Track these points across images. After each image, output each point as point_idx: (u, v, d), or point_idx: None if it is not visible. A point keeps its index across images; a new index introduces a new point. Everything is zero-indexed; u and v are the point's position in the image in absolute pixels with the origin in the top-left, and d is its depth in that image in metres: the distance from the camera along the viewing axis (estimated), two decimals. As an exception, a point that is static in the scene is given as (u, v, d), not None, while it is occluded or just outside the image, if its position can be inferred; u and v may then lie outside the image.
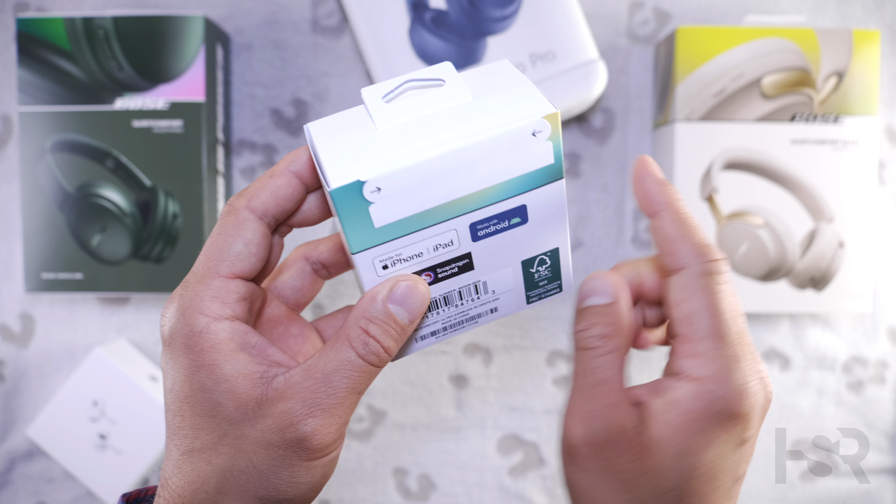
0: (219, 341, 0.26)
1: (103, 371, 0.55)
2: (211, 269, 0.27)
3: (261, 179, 0.28)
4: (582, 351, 0.28)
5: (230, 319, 0.27)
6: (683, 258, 0.28)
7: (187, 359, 0.26)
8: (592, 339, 0.28)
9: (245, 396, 0.26)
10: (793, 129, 0.53)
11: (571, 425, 0.28)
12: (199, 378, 0.26)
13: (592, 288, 0.29)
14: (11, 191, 0.59)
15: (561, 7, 0.52)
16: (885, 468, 0.60)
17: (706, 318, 0.27)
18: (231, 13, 0.59)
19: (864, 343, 0.59)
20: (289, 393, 0.26)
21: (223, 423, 0.26)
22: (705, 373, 0.27)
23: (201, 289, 0.27)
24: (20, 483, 0.60)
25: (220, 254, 0.27)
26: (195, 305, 0.26)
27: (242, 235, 0.27)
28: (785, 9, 0.59)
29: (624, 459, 0.27)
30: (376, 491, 0.60)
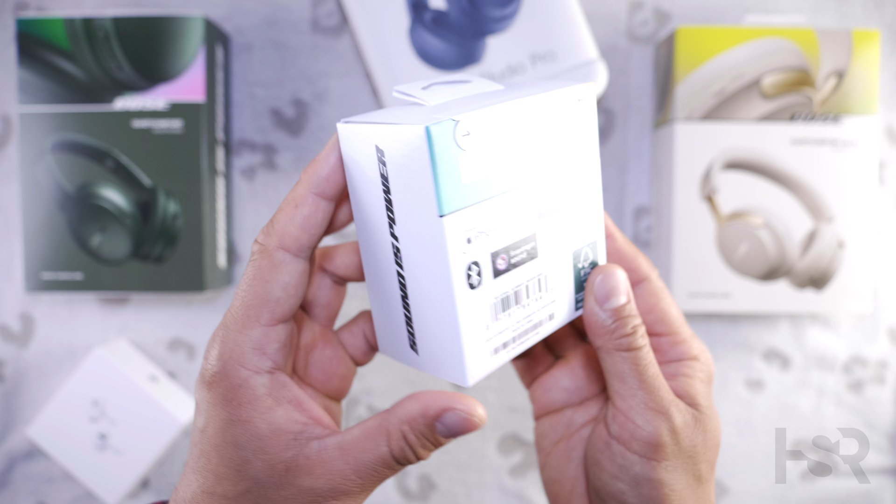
0: (257, 397, 0.26)
1: (103, 371, 0.55)
2: (251, 317, 0.27)
3: (286, 211, 0.27)
4: (630, 352, 0.29)
5: (270, 372, 0.27)
6: (645, 271, 0.32)
7: (224, 410, 0.26)
8: (641, 339, 0.29)
9: (275, 458, 0.26)
10: (793, 128, 0.53)
11: (645, 424, 0.28)
12: (233, 432, 0.26)
13: (613, 287, 0.29)
14: (11, 191, 0.59)
15: (561, 7, 0.52)
16: (885, 468, 0.60)
17: (678, 312, 0.32)
18: (231, 13, 0.59)
19: (864, 343, 0.59)
20: (319, 470, 0.26)
21: (248, 480, 0.26)
22: (696, 351, 0.31)
23: (242, 339, 0.27)
24: (20, 483, 0.60)
25: (259, 301, 0.27)
26: (236, 356, 0.27)
27: (280, 280, 0.27)
28: (785, 9, 0.59)
29: (699, 440, 0.29)
30: (376, 491, 0.60)
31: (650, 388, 0.29)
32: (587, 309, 0.29)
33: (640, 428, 0.28)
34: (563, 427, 0.34)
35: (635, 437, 0.28)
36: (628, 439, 0.29)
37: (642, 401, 0.28)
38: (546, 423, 0.34)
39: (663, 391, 0.29)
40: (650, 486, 0.28)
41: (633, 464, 0.28)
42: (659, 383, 0.29)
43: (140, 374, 0.56)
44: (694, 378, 0.30)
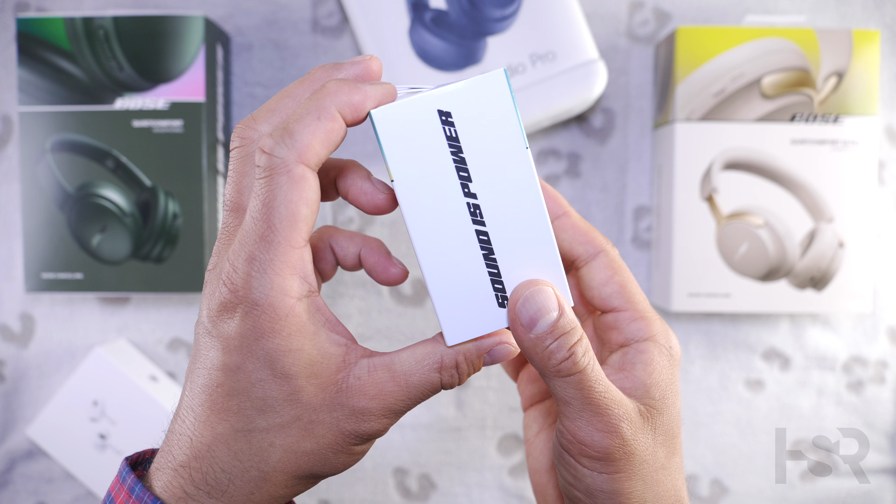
0: (303, 324, 0.26)
1: (103, 371, 0.55)
2: (282, 240, 0.25)
3: (305, 121, 0.25)
4: (573, 376, 0.27)
5: (310, 296, 0.26)
6: (600, 244, 0.30)
7: (270, 342, 0.25)
8: (583, 359, 0.27)
9: (328, 381, 0.26)
10: (793, 129, 0.53)
11: (594, 444, 0.27)
12: (284, 363, 0.25)
13: (540, 306, 0.27)
14: (11, 191, 0.59)
15: (561, 7, 0.52)
16: (885, 468, 0.60)
17: (633, 287, 0.30)
18: (231, 13, 0.59)
19: (864, 343, 0.59)
20: (371, 391, 0.26)
21: (298, 407, 0.26)
22: (653, 331, 0.30)
23: (280, 265, 0.25)
24: (20, 483, 0.60)
25: (289, 221, 0.25)
26: (279, 285, 0.25)
27: (305, 196, 0.25)
28: (785, 9, 0.59)
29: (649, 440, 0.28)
30: (376, 491, 0.60)
31: (597, 409, 0.27)
32: (516, 337, 0.27)
33: (588, 447, 0.27)
34: (544, 418, 0.34)
35: (585, 455, 0.28)
36: (577, 456, 0.28)
37: (589, 422, 0.27)
38: (531, 414, 0.34)
39: (612, 408, 0.27)
40: (604, 496, 0.28)
41: (584, 476, 0.28)
42: (607, 401, 0.27)
43: (140, 374, 0.56)
44: (652, 365, 0.29)
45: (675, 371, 0.30)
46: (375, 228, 0.59)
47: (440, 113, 0.27)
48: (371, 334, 0.59)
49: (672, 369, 0.29)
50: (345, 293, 0.59)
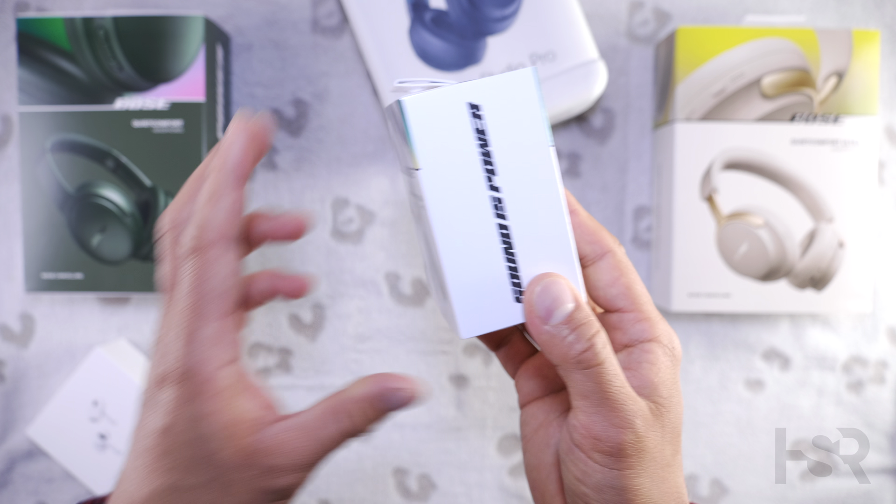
0: (221, 389, 0.28)
1: (103, 371, 0.55)
2: (204, 314, 0.27)
3: (207, 207, 0.27)
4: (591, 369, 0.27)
5: (232, 363, 0.28)
6: (607, 244, 0.31)
7: (192, 407, 0.27)
8: (602, 351, 0.28)
9: (241, 443, 0.28)
10: (793, 129, 0.53)
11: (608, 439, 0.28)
12: (202, 425, 0.27)
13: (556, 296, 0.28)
14: (11, 191, 0.59)
15: (561, 7, 0.52)
16: (885, 468, 0.60)
17: (639, 287, 0.30)
18: (231, 13, 0.59)
19: (864, 343, 0.59)
20: (284, 448, 0.28)
21: (215, 468, 0.28)
22: (658, 332, 0.30)
23: (202, 337, 0.27)
24: (20, 483, 0.60)
25: (207, 299, 0.27)
26: (200, 356, 0.27)
27: (221, 274, 0.27)
28: (785, 9, 0.59)
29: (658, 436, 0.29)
30: (376, 491, 0.60)
31: (614, 403, 0.27)
32: (532, 328, 0.28)
33: (601, 442, 0.28)
34: (543, 414, 0.34)
35: (597, 450, 0.28)
36: (589, 451, 0.28)
37: (605, 417, 0.27)
38: (529, 410, 0.35)
39: (628, 404, 0.28)
40: (613, 492, 0.28)
41: (595, 472, 0.28)
42: (623, 396, 0.28)
43: (140, 374, 0.56)
44: (658, 365, 0.29)
45: (677, 371, 0.30)
46: (376, 229, 0.59)
47: (470, 105, 0.27)
48: (371, 334, 0.59)
49: (675, 369, 0.30)
50: (345, 293, 0.59)
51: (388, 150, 0.59)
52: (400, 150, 0.29)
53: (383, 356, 0.60)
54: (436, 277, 0.31)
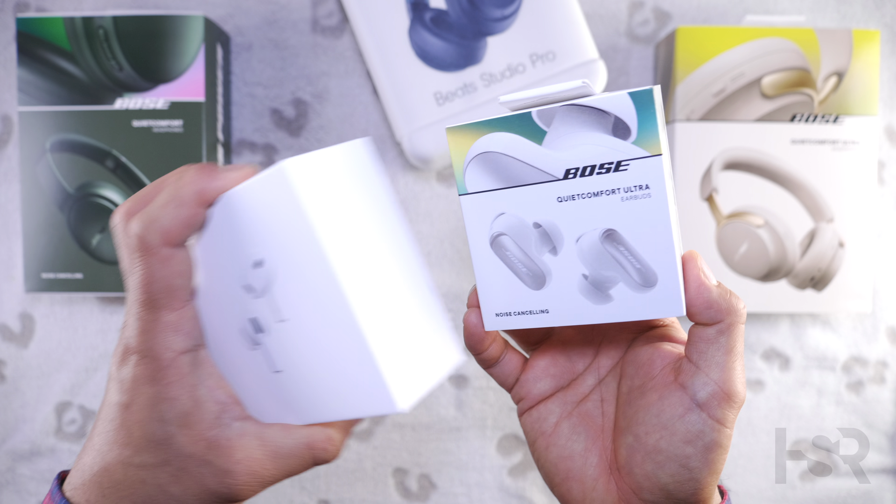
0: (183, 375, 0.28)
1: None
2: (161, 304, 0.28)
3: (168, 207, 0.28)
4: (743, 324, 0.30)
5: (193, 350, 0.29)
6: None
7: (151, 388, 0.28)
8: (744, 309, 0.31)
9: (198, 435, 0.28)
10: (793, 129, 0.53)
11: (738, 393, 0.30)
12: (159, 408, 0.28)
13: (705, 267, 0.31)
14: (11, 191, 0.59)
15: (561, 7, 0.52)
16: (885, 468, 0.60)
17: None
18: (231, 13, 0.59)
19: (864, 343, 0.59)
20: (239, 454, 0.29)
21: (168, 452, 0.28)
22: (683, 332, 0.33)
23: (160, 325, 0.28)
24: (20, 483, 0.60)
25: (162, 293, 0.28)
26: (160, 339, 0.28)
27: (173, 270, 0.28)
28: (785, 9, 0.59)
29: None
30: (376, 491, 0.60)
31: (742, 359, 0.30)
32: (704, 287, 0.29)
33: (734, 396, 0.29)
34: (559, 408, 0.35)
35: (723, 407, 0.30)
36: (715, 408, 0.30)
37: (739, 372, 0.30)
38: (538, 410, 0.35)
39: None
40: (718, 450, 0.30)
41: (712, 429, 0.30)
42: None
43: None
44: None
45: None
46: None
47: None
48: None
49: None
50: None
51: (389, 149, 0.59)
52: None
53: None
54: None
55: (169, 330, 0.28)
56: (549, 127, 0.29)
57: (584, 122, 0.28)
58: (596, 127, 0.28)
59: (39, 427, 0.59)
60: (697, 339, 0.30)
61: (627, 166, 0.28)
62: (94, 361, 0.59)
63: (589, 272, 0.29)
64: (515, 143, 0.29)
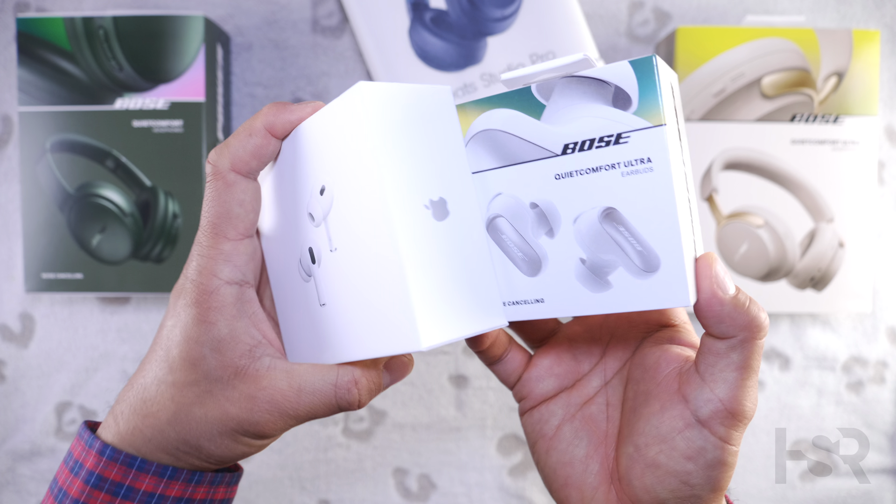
0: (224, 304, 0.30)
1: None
2: (218, 233, 0.30)
3: (240, 137, 0.30)
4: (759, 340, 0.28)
5: (240, 284, 0.30)
6: None
7: (194, 311, 0.30)
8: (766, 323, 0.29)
9: (229, 362, 0.29)
10: (793, 129, 0.53)
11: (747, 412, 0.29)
12: (197, 330, 0.29)
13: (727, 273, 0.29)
14: (11, 191, 0.59)
15: (561, 7, 0.52)
16: (885, 468, 0.60)
17: None
18: (231, 13, 0.59)
19: (864, 343, 0.59)
20: (264, 383, 0.29)
21: (199, 373, 0.29)
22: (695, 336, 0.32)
23: (214, 252, 0.30)
24: (20, 483, 0.60)
25: (221, 218, 0.30)
26: (209, 267, 0.30)
27: (236, 198, 0.30)
28: (785, 9, 0.59)
29: None
30: (376, 491, 0.60)
31: (756, 376, 0.29)
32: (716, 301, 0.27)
33: (740, 415, 0.28)
34: (563, 409, 0.34)
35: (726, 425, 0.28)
36: (718, 425, 0.28)
37: (750, 390, 0.28)
38: (540, 411, 0.34)
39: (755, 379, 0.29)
40: (722, 468, 0.29)
41: (713, 447, 0.28)
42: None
43: None
44: None
45: None
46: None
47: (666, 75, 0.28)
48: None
49: None
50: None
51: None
52: None
53: (383, 356, 0.60)
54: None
55: (220, 258, 0.30)
56: (548, 101, 0.27)
57: (584, 93, 0.26)
58: (596, 98, 0.26)
59: (39, 427, 0.59)
60: (707, 350, 0.28)
61: (628, 138, 0.26)
62: (94, 361, 0.59)
63: (587, 256, 0.27)
64: (514, 118, 0.28)
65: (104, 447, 0.30)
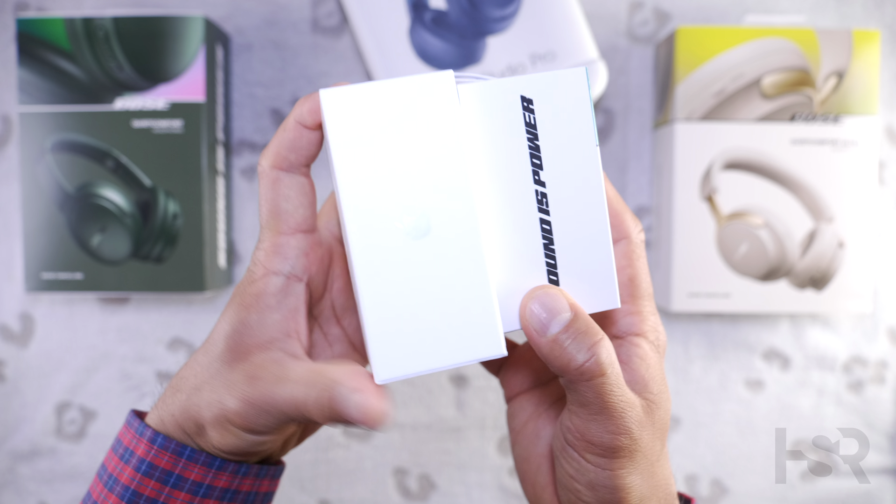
0: (264, 293, 0.30)
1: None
2: (270, 228, 0.30)
3: (277, 135, 0.30)
4: (594, 380, 0.27)
5: (287, 276, 0.30)
6: (624, 230, 0.30)
7: (238, 296, 0.30)
8: (606, 359, 0.27)
9: (244, 349, 0.29)
10: (793, 129, 0.53)
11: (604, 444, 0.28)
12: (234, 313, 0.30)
13: (552, 307, 0.27)
14: (11, 191, 0.59)
15: (561, 7, 0.52)
16: (885, 468, 0.60)
17: (641, 281, 0.30)
18: (231, 13, 0.59)
19: (864, 343, 0.59)
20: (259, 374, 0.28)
21: (212, 355, 0.30)
22: (647, 327, 0.30)
23: (266, 245, 0.30)
24: (20, 483, 0.60)
25: (271, 214, 0.30)
26: (258, 258, 0.30)
27: (281, 193, 0.30)
28: (785, 9, 0.59)
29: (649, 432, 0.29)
30: (376, 491, 0.60)
31: (612, 413, 0.27)
32: (533, 342, 0.27)
33: (595, 446, 0.28)
34: (532, 407, 0.34)
35: (591, 452, 0.28)
36: (583, 451, 0.28)
37: (601, 425, 0.27)
38: (516, 404, 0.35)
39: (627, 412, 0.27)
40: (606, 490, 0.28)
41: (588, 471, 0.28)
42: (623, 405, 0.27)
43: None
44: (648, 361, 0.29)
45: (663, 366, 0.30)
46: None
47: (522, 99, 0.27)
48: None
49: (661, 364, 0.30)
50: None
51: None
52: None
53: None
54: None
55: (270, 249, 0.30)
56: None
57: None
58: None
59: (39, 427, 0.59)
60: None
61: None
62: (94, 361, 0.59)
63: None
64: None
65: (155, 435, 0.30)
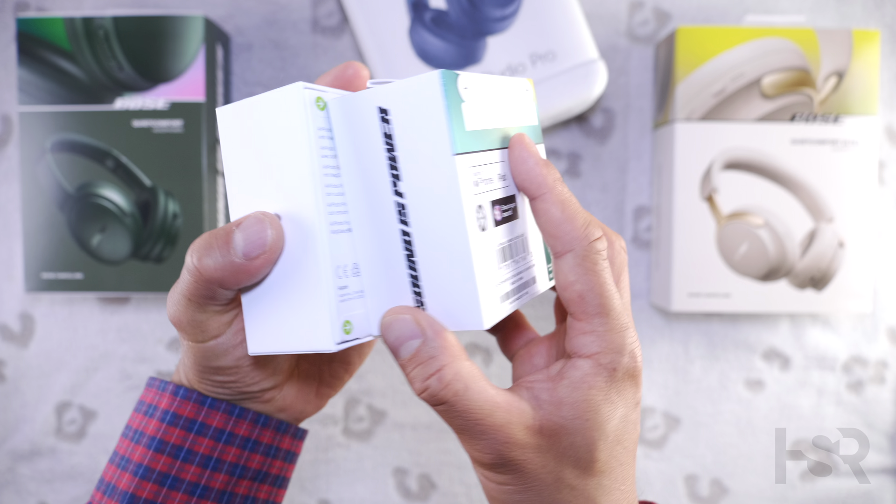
0: None
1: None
2: None
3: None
4: (443, 405, 0.26)
5: None
6: (568, 242, 0.27)
7: None
8: (446, 391, 0.26)
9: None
10: (793, 128, 0.53)
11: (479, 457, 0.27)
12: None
13: (397, 336, 0.27)
14: (11, 191, 0.59)
15: (561, 7, 0.52)
16: (885, 468, 0.60)
17: (594, 297, 0.27)
18: (231, 13, 0.59)
19: (864, 343, 0.59)
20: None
21: None
22: (598, 348, 0.27)
23: None
24: (20, 483, 0.60)
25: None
26: None
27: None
28: (785, 9, 0.59)
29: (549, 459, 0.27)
30: (376, 491, 0.60)
31: (473, 434, 0.27)
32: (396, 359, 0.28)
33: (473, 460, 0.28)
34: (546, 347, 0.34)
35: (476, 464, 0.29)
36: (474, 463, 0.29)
37: (468, 443, 0.28)
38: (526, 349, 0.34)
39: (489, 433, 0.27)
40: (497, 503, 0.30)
41: (483, 483, 0.29)
42: (483, 427, 0.27)
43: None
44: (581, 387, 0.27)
45: (612, 391, 0.28)
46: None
47: (379, 109, 0.27)
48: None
49: (606, 387, 0.27)
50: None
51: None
52: None
53: (383, 356, 0.60)
54: None
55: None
56: None
57: None
58: None
59: (39, 427, 0.59)
60: None
61: None
62: (94, 361, 0.59)
63: None
64: None
65: (177, 388, 0.32)
